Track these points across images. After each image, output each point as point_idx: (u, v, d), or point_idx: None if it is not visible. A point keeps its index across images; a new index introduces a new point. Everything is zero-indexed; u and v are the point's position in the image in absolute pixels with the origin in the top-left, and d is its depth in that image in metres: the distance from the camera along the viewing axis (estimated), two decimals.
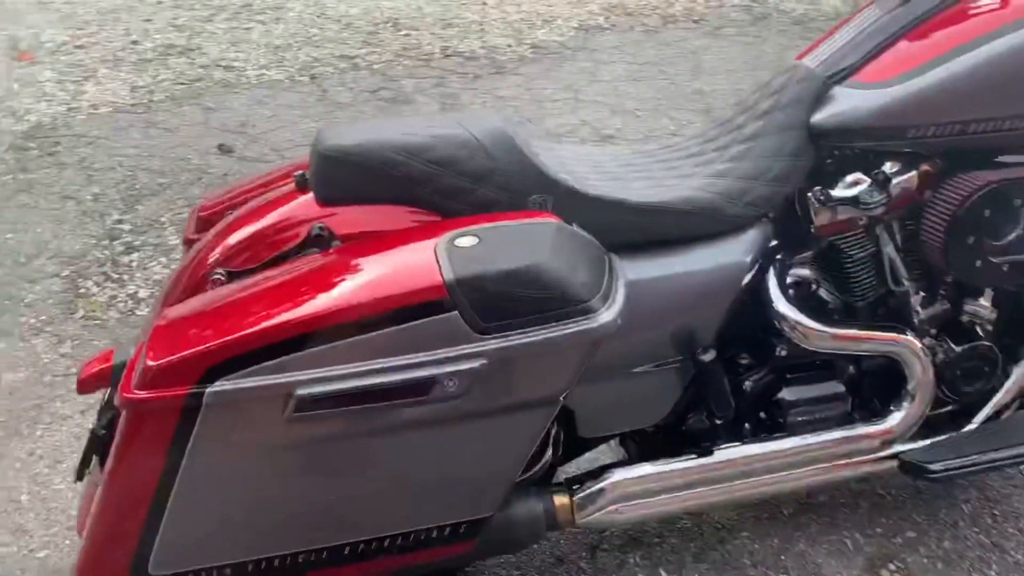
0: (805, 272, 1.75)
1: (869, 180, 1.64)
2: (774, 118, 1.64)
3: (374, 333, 1.19)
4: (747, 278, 1.59)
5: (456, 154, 1.42)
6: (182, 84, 4.31)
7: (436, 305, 1.20)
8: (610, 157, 1.74)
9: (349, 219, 1.44)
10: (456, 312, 1.20)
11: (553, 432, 1.55)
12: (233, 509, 1.27)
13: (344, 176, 1.41)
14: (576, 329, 1.24)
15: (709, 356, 1.55)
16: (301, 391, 1.17)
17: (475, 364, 1.21)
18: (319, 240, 1.41)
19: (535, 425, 1.34)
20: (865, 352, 1.72)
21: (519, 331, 1.22)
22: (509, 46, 4.74)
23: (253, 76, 4.41)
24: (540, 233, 1.32)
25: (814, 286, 1.77)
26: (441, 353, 1.20)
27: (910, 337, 1.69)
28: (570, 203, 1.47)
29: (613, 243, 1.46)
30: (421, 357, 1.20)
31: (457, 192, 1.43)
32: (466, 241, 1.28)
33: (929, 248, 1.64)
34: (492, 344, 1.21)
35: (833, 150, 1.65)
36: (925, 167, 1.66)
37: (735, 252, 1.58)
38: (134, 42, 4.85)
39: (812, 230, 1.69)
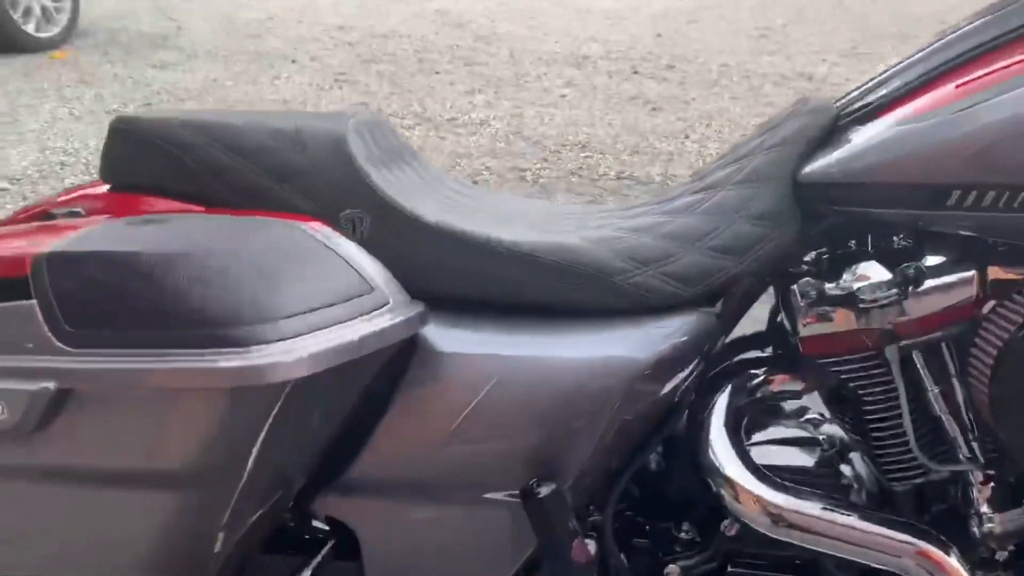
0: (787, 410, 1.15)
1: (889, 274, 1.04)
2: (750, 163, 1.10)
3: None
4: (654, 389, 1.06)
5: (265, 144, 1.09)
6: None
7: (14, 286, 0.81)
8: (527, 205, 1.28)
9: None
10: (34, 302, 0.81)
11: None
12: None
13: (130, 155, 1.12)
14: (206, 365, 0.79)
15: (545, 490, 1.00)
16: None
17: (37, 385, 0.79)
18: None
19: (152, 522, 0.88)
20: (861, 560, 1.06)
21: (117, 350, 0.80)
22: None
23: None
24: (250, 231, 0.91)
25: (800, 433, 1.15)
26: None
27: (939, 552, 1.02)
28: (393, 227, 1.07)
29: (462, 296, 1.08)
30: None
31: (253, 191, 1.08)
32: (138, 220, 0.89)
33: (982, 401, 0.99)
34: (70, 361, 0.79)
35: (832, 218, 1.08)
36: (990, 264, 1.02)
37: (625, 342, 1.04)
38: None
39: (794, 343, 1.10)
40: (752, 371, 1.16)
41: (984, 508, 1.08)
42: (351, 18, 8.02)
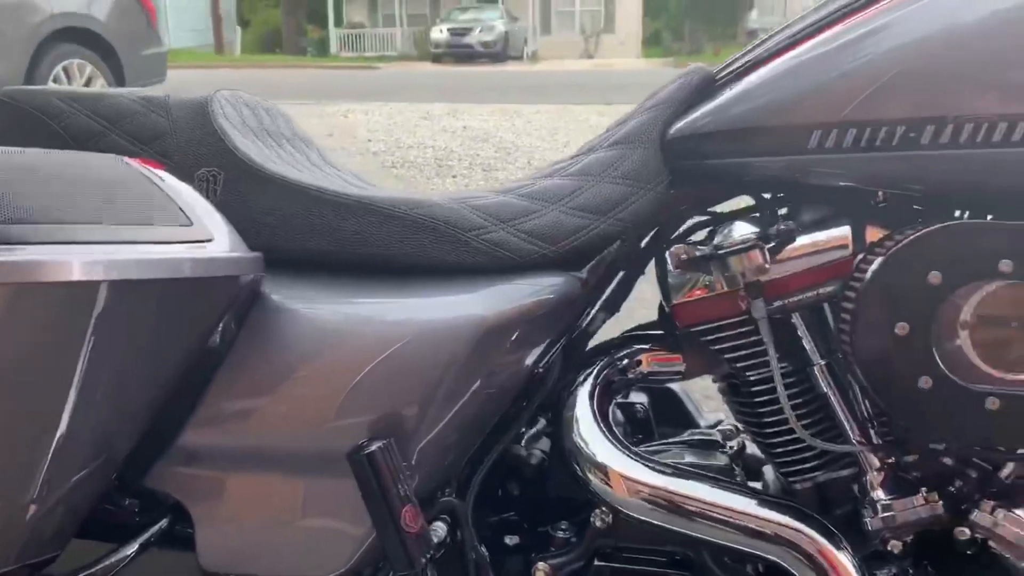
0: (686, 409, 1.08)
1: (756, 231, 0.98)
2: (622, 128, 1.07)
3: None
4: (507, 353, 1.00)
5: (133, 109, 1.10)
6: None
7: None
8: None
9: None
10: None
11: None
12: None
13: (10, 124, 1.14)
14: None
15: (371, 447, 0.92)
16: None
17: None
18: None
19: None
20: (743, 549, 0.96)
21: None
22: None
23: None
24: (72, 157, 0.90)
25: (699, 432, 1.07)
26: None
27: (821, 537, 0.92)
28: (244, 182, 1.07)
29: (311, 252, 1.04)
30: None
31: (120, 153, 1.06)
32: None
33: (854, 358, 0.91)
34: None
35: (705, 179, 1.03)
36: (867, 221, 0.96)
37: (476, 301, 0.98)
38: None
39: (667, 311, 1.03)
40: (634, 346, 1.07)
41: (878, 495, 0.97)
42: (379, 132, 8.32)
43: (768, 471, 1.11)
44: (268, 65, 20.93)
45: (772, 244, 0.97)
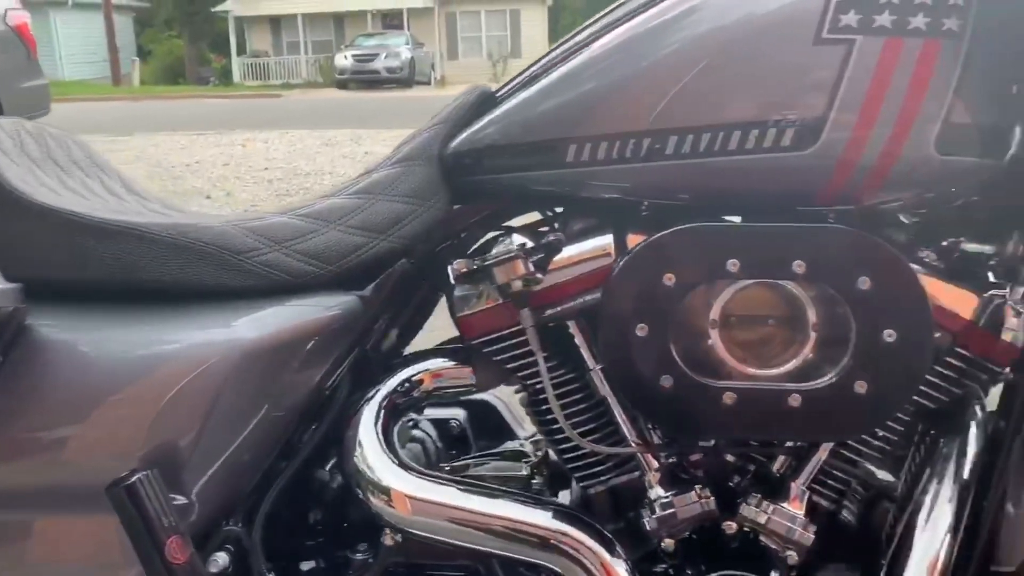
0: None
1: (524, 243, 0.99)
2: (405, 147, 1.07)
3: None
4: (284, 377, 1.00)
5: None
6: None
7: None
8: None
9: None
10: None
11: None
12: None
13: None
14: None
15: (130, 479, 0.89)
16: None
17: None
18: None
19: None
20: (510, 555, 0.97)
21: None
22: None
23: None
24: None
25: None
26: None
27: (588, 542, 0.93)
28: (2, 212, 1.00)
29: (77, 280, 1.01)
30: None
31: None
32: None
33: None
34: None
35: (484, 195, 1.04)
36: (629, 230, 0.99)
37: (249, 325, 0.97)
38: None
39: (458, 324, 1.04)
40: (424, 362, 1.08)
41: (654, 494, 0.99)
42: (278, 160, 8.22)
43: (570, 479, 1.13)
44: (167, 96, 20.49)
45: (538, 255, 0.99)
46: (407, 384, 1.06)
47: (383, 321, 1.09)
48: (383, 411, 1.03)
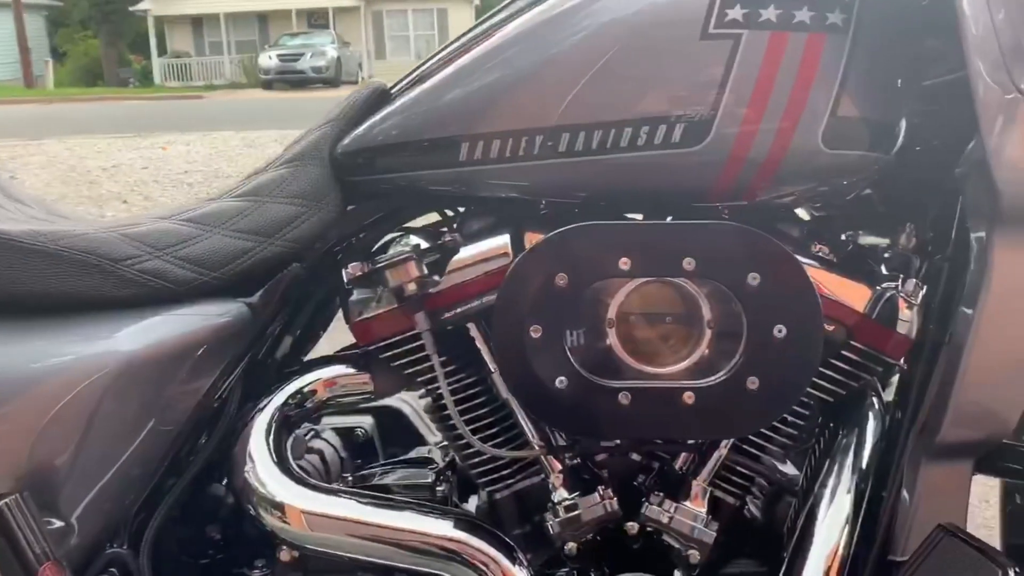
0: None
1: (418, 244, 0.96)
2: (295, 147, 1.03)
3: None
4: (166, 389, 0.96)
5: None
6: None
7: None
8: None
9: None
10: None
11: None
12: None
13: None
14: None
15: (2, 504, 0.84)
16: None
17: None
18: None
19: None
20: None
21: None
22: None
23: None
24: None
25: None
26: None
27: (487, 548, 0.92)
28: None
29: None
30: None
31: None
32: None
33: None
34: None
35: (379, 196, 1.01)
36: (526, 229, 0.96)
37: (128, 336, 0.92)
38: None
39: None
40: (319, 370, 1.04)
41: (558, 497, 0.97)
42: (198, 163, 8.01)
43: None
44: (83, 98, 19.79)
45: (433, 256, 0.96)
46: (301, 394, 1.02)
47: (275, 328, 1.04)
48: (275, 423, 0.99)
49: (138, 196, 6.45)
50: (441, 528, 0.95)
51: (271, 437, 0.98)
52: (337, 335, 1.19)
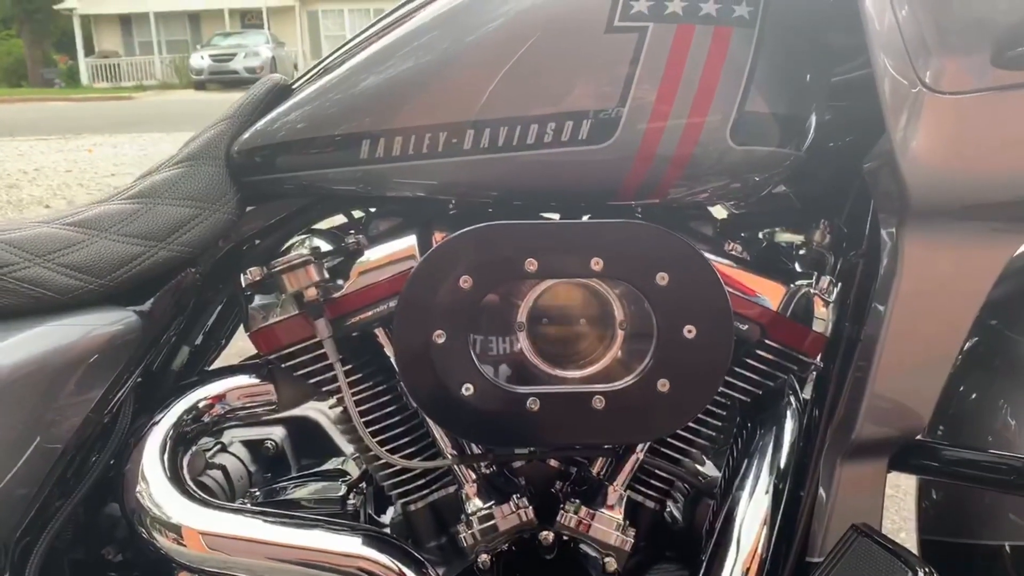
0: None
1: (319, 247, 0.92)
2: (188, 146, 0.98)
3: None
4: (47, 407, 0.90)
5: None
6: None
7: None
8: None
9: None
10: None
11: None
12: None
13: None
14: None
15: None
16: None
17: None
18: None
19: None
20: None
21: None
22: None
23: None
24: None
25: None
26: None
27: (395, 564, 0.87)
28: None
29: None
30: None
31: None
32: None
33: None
34: None
35: (275, 194, 0.96)
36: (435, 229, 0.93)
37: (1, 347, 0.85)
38: None
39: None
40: (219, 382, 0.99)
41: (471, 507, 0.94)
42: (126, 166, 7.77)
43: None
44: (5, 99, 19.10)
45: (335, 260, 0.92)
46: (198, 407, 0.96)
47: (171, 337, 0.99)
48: (170, 438, 0.94)
49: (61, 200, 6.22)
50: (347, 545, 0.90)
51: (166, 454, 0.93)
52: (247, 343, 1.14)
